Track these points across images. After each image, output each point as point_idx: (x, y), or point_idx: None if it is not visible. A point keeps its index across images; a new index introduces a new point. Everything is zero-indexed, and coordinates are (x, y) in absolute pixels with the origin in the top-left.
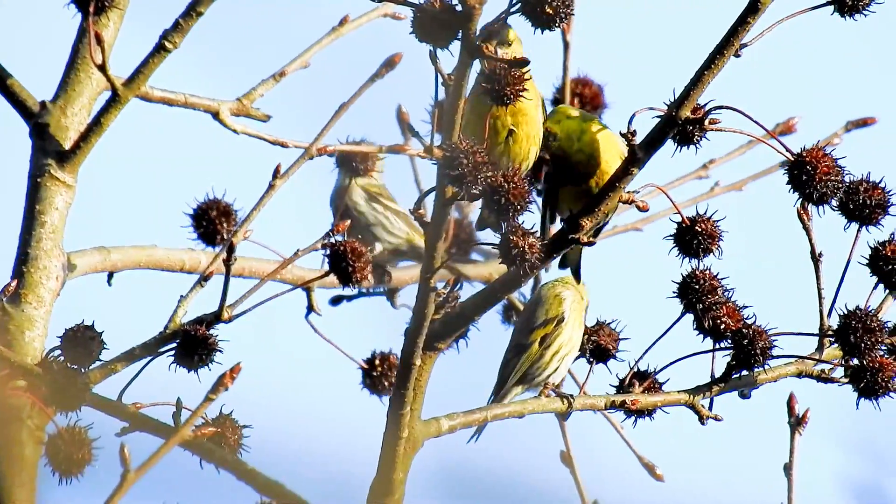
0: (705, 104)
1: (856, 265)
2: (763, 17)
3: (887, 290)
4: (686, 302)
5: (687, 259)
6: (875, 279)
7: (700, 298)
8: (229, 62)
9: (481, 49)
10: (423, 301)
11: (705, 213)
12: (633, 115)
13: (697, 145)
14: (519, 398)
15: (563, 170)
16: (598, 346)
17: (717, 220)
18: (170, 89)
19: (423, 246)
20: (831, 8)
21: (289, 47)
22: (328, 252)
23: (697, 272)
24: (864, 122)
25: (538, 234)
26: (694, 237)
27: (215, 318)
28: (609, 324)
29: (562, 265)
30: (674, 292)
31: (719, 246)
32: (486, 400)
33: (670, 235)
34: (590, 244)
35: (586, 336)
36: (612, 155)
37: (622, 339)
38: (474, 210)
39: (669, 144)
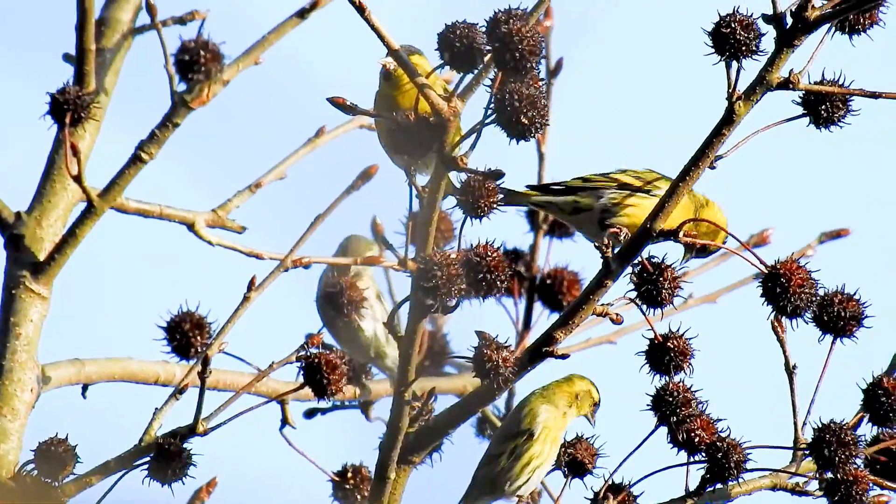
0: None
1: (830, 377)
2: (738, 128)
3: (875, 426)
4: (660, 415)
5: (658, 376)
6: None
7: (674, 411)
8: (205, 172)
9: (456, 161)
10: (397, 414)
11: (678, 330)
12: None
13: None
14: None
15: None
16: (575, 460)
17: (690, 338)
18: (145, 200)
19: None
20: (806, 119)
21: (265, 158)
22: (303, 365)
23: (671, 385)
24: (837, 234)
25: (512, 348)
26: (665, 354)
27: (190, 431)
28: (588, 438)
29: None
30: (647, 405)
31: (690, 363)
32: None
33: (642, 352)
34: (564, 357)
35: (563, 449)
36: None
37: (600, 455)
38: (448, 322)
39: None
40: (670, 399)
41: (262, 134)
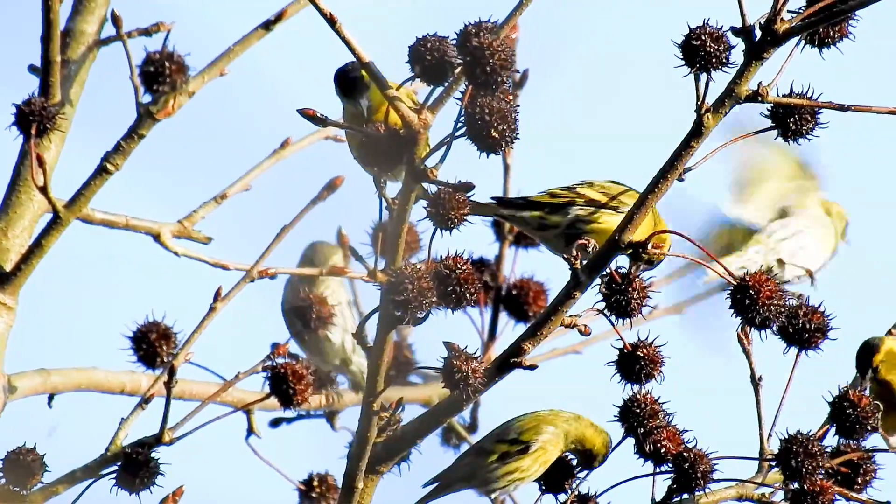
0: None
1: (796, 388)
2: (706, 140)
3: (842, 437)
4: (627, 426)
5: (629, 385)
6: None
7: (641, 422)
8: (171, 183)
9: (426, 173)
10: (365, 424)
11: (647, 339)
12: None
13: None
14: None
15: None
16: (553, 479)
17: (659, 346)
18: (111, 211)
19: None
20: (775, 132)
21: (230, 170)
22: (269, 374)
23: (638, 396)
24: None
25: (481, 359)
26: (636, 363)
27: (156, 440)
28: (570, 459)
29: None
30: (615, 416)
31: (661, 371)
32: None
33: (612, 361)
34: (532, 368)
35: None
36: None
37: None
38: (413, 332)
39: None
40: (637, 410)
41: (227, 145)
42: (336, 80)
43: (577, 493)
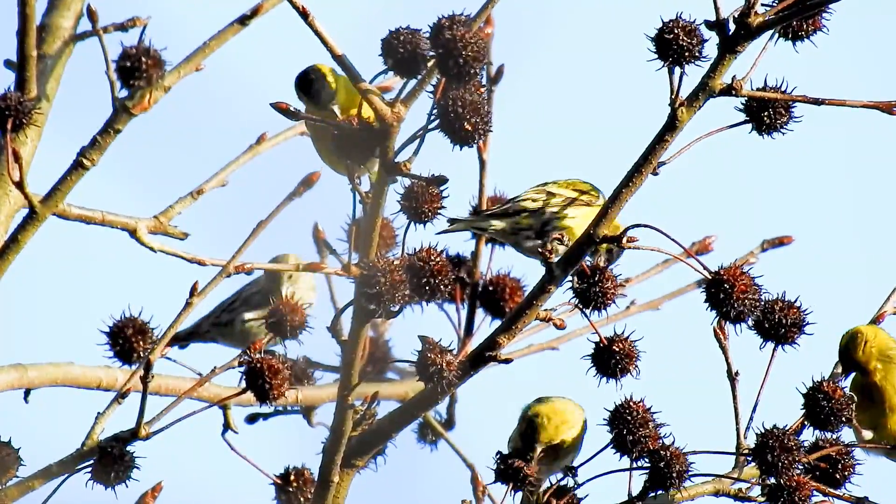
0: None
1: (772, 384)
2: (681, 134)
3: (815, 428)
4: (616, 432)
5: (604, 379)
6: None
7: (631, 430)
8: (147, 179)
9: (399, 167)
10: (340, 418)
11: (622, 333)
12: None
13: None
14: None
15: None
16: (514, 469)
17: (635, 340)
18: (87, 206)
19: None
20: (749, 126)
21: (206, 165)
22: (245, 370)
23: (631, 403)
24: (780, 242)
25: (455, 352)
26: (611, 357)
27: (132, 435)
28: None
29: None
30: (604, 419)
31: (637, 366)
32: None
33: (588, 355)
34: (507, 361)
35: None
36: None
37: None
38: (390, 328)
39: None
40: (629, 417)
41: (203, 140)
42: (297, 85)
43: (556, 486)
